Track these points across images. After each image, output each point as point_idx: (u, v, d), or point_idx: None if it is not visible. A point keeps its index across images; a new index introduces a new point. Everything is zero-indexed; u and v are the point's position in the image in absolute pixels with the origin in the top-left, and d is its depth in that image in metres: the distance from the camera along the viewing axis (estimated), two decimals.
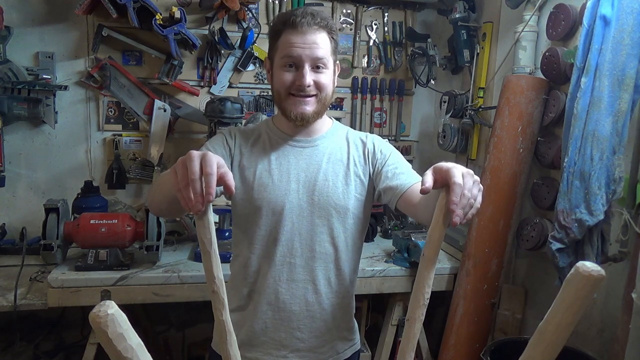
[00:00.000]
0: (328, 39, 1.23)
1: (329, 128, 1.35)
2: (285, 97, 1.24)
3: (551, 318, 0.53)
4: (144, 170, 2.41)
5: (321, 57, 1.21)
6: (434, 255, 0.76)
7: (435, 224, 0.79)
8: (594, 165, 1.50)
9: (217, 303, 0.75)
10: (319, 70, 1.22)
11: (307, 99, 1.23)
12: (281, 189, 1.25)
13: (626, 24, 1.46)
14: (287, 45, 1.20)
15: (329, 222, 1.27)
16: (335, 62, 1.28)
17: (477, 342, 1.95)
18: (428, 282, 0.75)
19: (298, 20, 1.19)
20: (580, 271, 0.50)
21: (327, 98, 1.26)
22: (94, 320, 0.49)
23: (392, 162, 1.30)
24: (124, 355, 0.51)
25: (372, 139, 1.36)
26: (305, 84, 1.20)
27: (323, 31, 1.21)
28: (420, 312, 0.74)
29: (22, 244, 1.96)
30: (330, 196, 1.26)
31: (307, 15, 1.20)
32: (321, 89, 1.23)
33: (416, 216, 1.22)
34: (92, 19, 2.26)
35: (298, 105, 1.23)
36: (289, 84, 1.22)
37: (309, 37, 1.19)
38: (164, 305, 2.23)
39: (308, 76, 1.20)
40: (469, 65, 2.32)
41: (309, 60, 1.20)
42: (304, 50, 1.19)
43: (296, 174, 1.27)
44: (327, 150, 1.31)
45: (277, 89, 1.25)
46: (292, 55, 1.20)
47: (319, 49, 1.20)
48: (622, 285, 1.46)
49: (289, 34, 1.20)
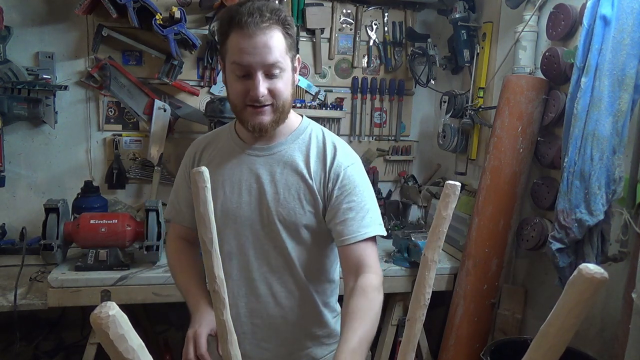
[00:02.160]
0: (282, 36, 1.11)
1: (292, 132, 1.24)
2: (241, 108, 1.15)
3: (553, 320, 0.53)
4: (144, 170, 2.41)
5: (274, 61, 1.09)
6: (435, 255, 0.76)
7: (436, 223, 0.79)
8: (594, 165, 1.50)
9: (218, 302, 0.75)
10: (274, 75, 1.11)
11: (263, 108, 1.13)
12: (232, 202, 1.21)
13: (626, 24, 1.46)
14: (236, 51, 1.09)
15: (279, 236, 1.20)
16: (293, 58, 1.16)
17: (477, 342, 1.95)
18: (429, 283, 0.75)
19: (244, 20, 1.06)
20: (583, 273, 0.50)
21: (286, 104, 1.16)
22: (96, 321, 0.49)
23: (347, 202, 1.17)
24: (125, 357, 0.51)
25: (340, 163, 1.20)
26: (258, 95, 1.10)
27: (275, 28, 1.09)
28: (421, 312, 0.74)
29: (22, 244, 1.96)
30: (279, 211, 1.18)
31: (254, 12, 1.07)
32: (277, 97, 1.13)
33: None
34: (92, 19, 2.26)
35: (254, 117, 1.14)
36: (243, 95, 1.12)
37: (258, 39, 1.07)
38: (164, 305, 2.22)
39: (261, 86, 1.10)
40: (469, 65, 2.32)
41: (261, 67, 1.09)
42: (254, 57, 1.08)
43: (248, 186, 1.21)
44: (284, 159, 1.21)
45: (232, 99, 1.17)
46: (241, 62, 1.09)
47: (270, 53, 1.08)
48: (622, 285, 1.46)
49: (236, 35, 1.09)
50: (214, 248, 0.75)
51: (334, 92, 2.61)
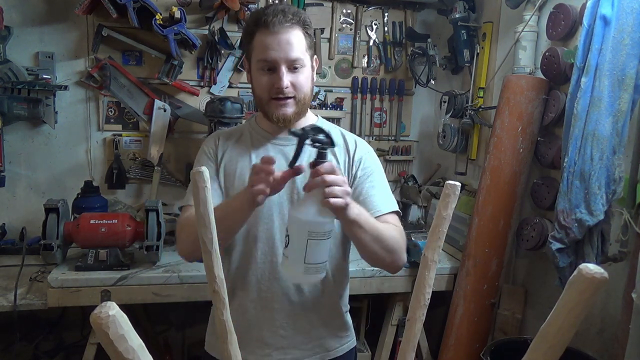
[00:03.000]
0: (302, 35, 1.22)
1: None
2: (267, 101, 1.24)
3: (553, 320, 0.53)
4: (144, 170, 2.41)
5: (296, 57, 1.20)
6: (435, 255, 0.76)
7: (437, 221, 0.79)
8: (594, 165, 1.50)
9: (218, 303, 0.75)
10: (296, 70, 1.22)
11: (286, 101, 1.23)
12: None
13: (626, 24, 1.46)
14: (262, 48, 1.20)
15: None
16: (312, 57, 1.27)
17: (477, 342, 1.95)
18: (429, 283, 0.75)
19: (269, 20, 1.18)
20: (583, 273, 0.50)
21: (306, 97, 1.26)
22: (95, 321, 0.49)
23: (370, 181, 1.30)
24: (125, 357, 0.51)
25: (361, 149, 1.34)
26: (282, 86, 1.20)
27: (296, 28, 1.21)
28: (421, 312, 0.74)
29: (22, 244, 1.96)
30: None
31: (278, 13, 1.19)
32: (298, 90, 1.23)
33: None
34: (92, 19, 2.26)
35: (279, 109, 1.23)
36: (268, 88, 1.22)
37: (282, 36, 1.19)
38: (164, 305, 2.23)
39: (285, 78, 1.20)
40: (469, 65, 2.32)
41: (285, 62, 1.20)
42: (278, 52, 1.19)
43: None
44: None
45: (258, 93, 1.26)
46: (267, 58, 1.20)
47: (293, 48, 1.20)
48: (622, 285, 1.46)
49: (262, 34, 1.20)
50: (214, 248, 0.75)
51: (334, 92, 2.61)
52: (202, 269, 0.78)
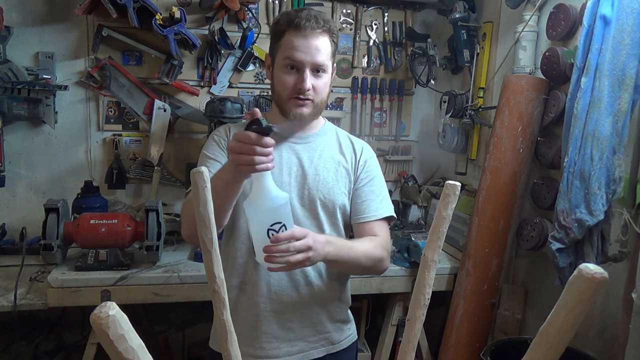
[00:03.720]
0: (329, 43, 1.28)
1: (322, 127, 1.41)
2: (286, 99, 1.28)
3: (553, 320, 0.53)
4: (144, 170, 2.41)
5: (321, 62, 1.25)
6: (435, 255, 0.76)
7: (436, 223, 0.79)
8: (594, 165, 1.50)
9: (218, 302, 0.75)
10: (319, 74, 1.27)
11: (305, 101, 1.27)
12: (275, 182, 1.25)
13: (626, 24, 1.46)
14: (290, 48, 1.25)
15: (317, 214, 1.32)
16: (333, 65, 1.33)
17: (477, 342, 1.95)
18: (429, 283, 0.75)
19: (302, 24, 1.23)
20: (583, 273, 0.50)
21: (323, 101, 1.32)
22: (95, 321, 0.49)
23: (370, 185, 1.38)
24: (125, 357, 0.51)
25: (366, 153, 1.41)
26: (305, 88, 1.25)
27: (325, 35, 1.26)
28: (421, 312, 0.74)
29: (22, 244, 1.96)
30: (320, 190, 1.32)
31: (311, 18, 1.24)
32: (318, 93, 1.28)
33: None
34: (92, 19, 2.26)
35: (297, 107, 1.28)
36: (290, 86, 1.26)
37: (312, 41, 1.24)
38: (164, 305, 2.23)
39: (308, 80, 1.25)
40: (469, 65, 2.32)
41: (310, 65, 1.25)
42: (306, 55, 1.24)
43: (288, 168, 1.32)
44: (320, 147, 1.36)
45: (278, 90, 1.30)
46: (294, 58, 1.24)
47: (320, 54, 1.25)
48: (622, 285, 1.46)
49: (292, 35, 1.25)
50: (214, 248, 0.75)
51: (334, 92, 2.60)
52: (202, 269, 0.78)
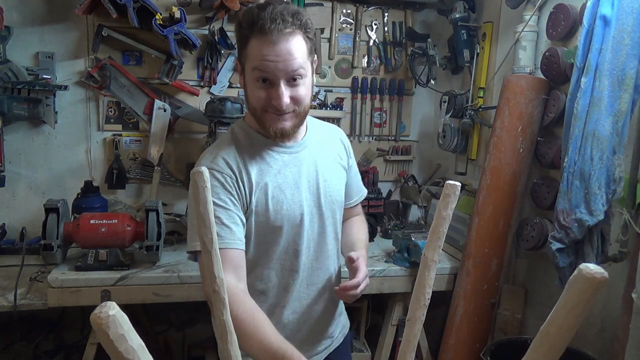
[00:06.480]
0: (303, 41, 1.09)
1: (306, 124, 1.29)
2: (261, 113, 1.14)
3: (553, 320, 0.53)
4: (144, 170, 2.41)
5: (297, 68, 1.08)
6: (435, 255, 0.76)
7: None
8: (594, 165, 1.50)
9: (218, 302, 0.75)
10: (296, 82, 1.10)
11: (284, 115, 1.13)
12: (296, 202, 1.22)
13: (626, 24, 1.46)
14: (258, 58, 1.07)
15: (334, 218, 1.32)
16: (313, 62, 1.16)
17: (477, 342, 1.95)
18: (429, 283, 0.75)
19: (268, 26, 1.03)
20: (583, 273, 0.50)
21: (306, 108, 1.17)
22: (96, 321, 0.49)
23: (353, 169, 1.42)
24: (125, 357, 0.51)
25: (343, 136, 1.41)
26: (282, 106, 1.09)
27: (297, 33, 1.07)
28: (421, 312, 0.74)
29: (22, 244, 1.96)
30: (333, 195, 1.30)
31: (276, 17, 1.04)
32: (299, 103, 1.13)
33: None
34: (92, 19, 2.26)
35: (276, 122, 1.13)
36: (264, 102, 1.11)
37: (282, 46, 1.05)
38: (164, 305, 2.23)
39: (284, 97, 1.09)
40: (469, 65, 2.32)
41: (284, 75, 1.08)
42: (277, 64, 1.06)
43: (304, 182, 1.24)
44: (316, 149, 1.29)
45: (252, 104, 1.15)
46: (264, 70, 1.07)
47: (293, 60, 1.06)
48: (622, 285, 1.46)
49: (258, 41, 1.06)
50: (214, 248, 0.75)
51: (334, 92, 2.61)
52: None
